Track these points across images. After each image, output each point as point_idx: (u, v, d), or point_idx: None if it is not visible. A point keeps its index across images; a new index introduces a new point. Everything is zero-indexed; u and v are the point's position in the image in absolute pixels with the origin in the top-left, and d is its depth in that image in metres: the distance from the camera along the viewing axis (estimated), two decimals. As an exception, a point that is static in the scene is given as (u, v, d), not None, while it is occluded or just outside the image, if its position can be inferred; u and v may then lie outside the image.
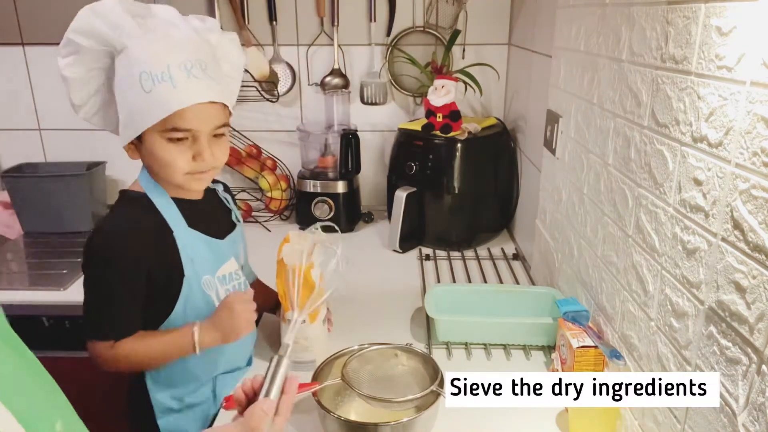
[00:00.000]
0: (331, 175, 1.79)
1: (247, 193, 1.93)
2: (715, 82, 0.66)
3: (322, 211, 1.76)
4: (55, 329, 1.43)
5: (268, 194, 1.87)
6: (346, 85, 1.86)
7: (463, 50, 1.83)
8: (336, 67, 1.85)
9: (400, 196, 1.61)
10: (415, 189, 1.63)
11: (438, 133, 1.60)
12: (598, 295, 1.02)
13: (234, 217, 1.10)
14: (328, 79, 1.86)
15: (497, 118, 1.82)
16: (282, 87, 1.86)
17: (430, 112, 1.62)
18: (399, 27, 1.83)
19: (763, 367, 0.57)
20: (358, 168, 1.78)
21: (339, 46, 1.83)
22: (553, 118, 1.29)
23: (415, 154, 1.64)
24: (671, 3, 0.76)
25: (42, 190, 1.75)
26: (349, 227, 1.82)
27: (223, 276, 1.03)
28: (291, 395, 0.71)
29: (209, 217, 1.04)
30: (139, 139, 0.91)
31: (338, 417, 0.86)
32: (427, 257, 1.63)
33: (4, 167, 1.90)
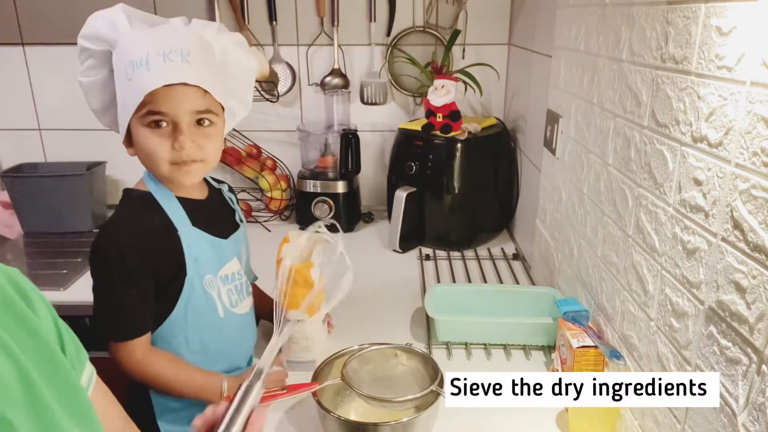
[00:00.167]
0: (331, 175, 1.79)
1: (247, 193, 1.93)
2: (715, 82, 0.66)
3: (322, 211, 1.76)
4: (56, 329, 1.43)
5: (268, 194, 1.87)
6: (346, 85, 1.86)
7: (463, 50, 1.83)
8: (336, 67, 1.85)
9: (400, 196, 1.61)
10: (415, 189, 1.63)
11: (438, 133, 1.60)
12: (598, 295, 1.02)
13: (237, 218, 1.10)
14: (328, 79, 1.86)
15: (497, 118, 1.82)
16: (282, 87, 1.86)
17: (430, 112, 1.62)
18: (399, 27, 1.83)
19: (763, 367, 0.57)
20: (358, 168, 1.78)
21: (339, 46, 1.83)
22: (553, 118, 1.29)
23: (415, 154, 1.64)
24: (671, 3, 0.76)
25: (42, 190, 1.75)
26: (349, 227, 1.82)
27: (226, 276, 1.02)
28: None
29: (213, 216, 1.04)
30: (131, 133, 0.92)
31: (338, 417, 0.86)
32: (427, 257, 1.63)
33: (4, 167, 1.90)
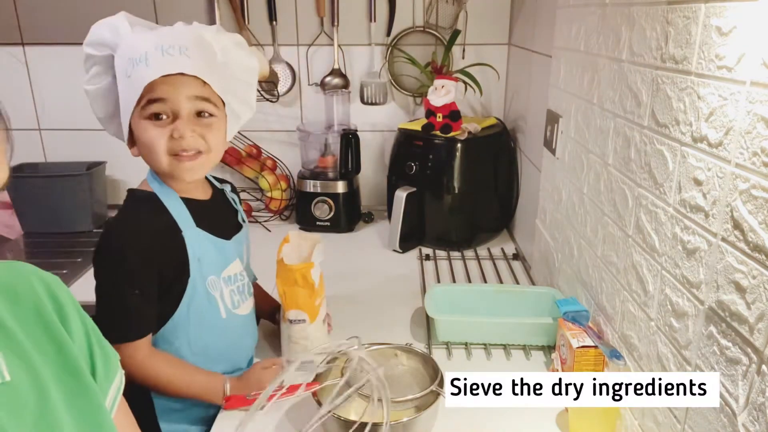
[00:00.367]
0: (331, 175, 1.79)
1: (247, 193, 1.93)
2: (715, 82, 0.66)
3: (322, 211, 1.76)
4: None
5: (268, 194, 1.87)
6: (346, 85, 1.86)
7: (463, 50, 1.83)
8: (336, 67, 1.85)
9: (400, 196, 1.61)
10: (415, 189, 1.63)
11: (438, 133, 1.60)
12: (598, 295, 1.02)
13: (240, 218, 1.10)
14: (328, 79, 1.86)
15: (497, 118, 1.82)
16: (282, 87, 1.86)
17: (430, 112, 1.62)
18: (399, 27, 1.83)
19: (763, 367, 0.57)
20: (358, 168, 1.78)
21: (339, 46, 1.83)
22: (553, 118, 1.29)
23: (415, 154, 1.64)
24: (671, 3, 0.76)
25: (42, 190, 1.75)
26: (349, 227, 1.82)
27: (229, 277, 1.03)
28: None
29: (217, 217, 1.04)
30: (133, 132, 0.92)
31: (338, 417, 0.86)
32: (427, 257, 1.62)
33: (5, 167, 1.89)
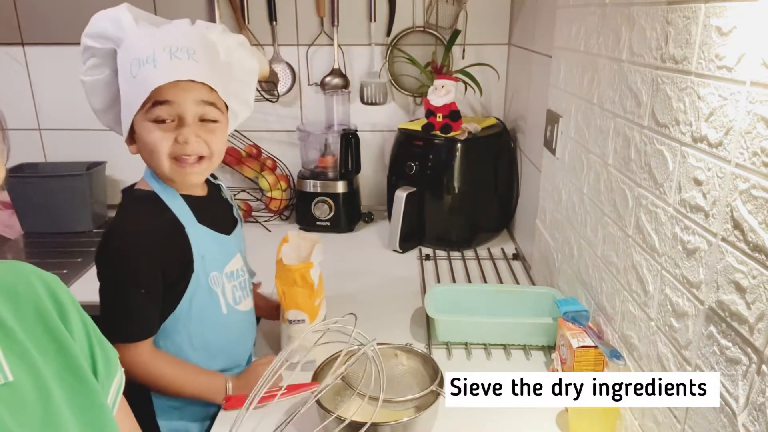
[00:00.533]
0: (331, 175, 1.79)
1: (247, 193, 1.93)
2: (715, 82, 0.66)
3: (322, 211, 1.76)
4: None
5: (268, 194, 1.87)
6: (346, 85, 1.86)
7: (463, 50, 1.83)
8: (336, 67, 1.85)
9: (400, 196, 1.61)
10: (415, 189, 1.63)
11: (438, 133, 1.60)
12: (598, 295, 1.02)
13: (235, 213, 1.10)
14: (328, 79, 1.86)
15: (497, 118, 1.82)
16: (282, 87, 1.86)
17: (430, 112, 1.62)
18: (399, 27, 1.83)
19: (763, 367, 0.57)
20: (358, 168, 1.78)
21: (339, 46, 1.83)
22: (553, 118, 1.29)
23: (415, 154, 1.64)
24: (671, 3, 0.76)
25: (42, 190, 1.75)
26: (349, 227, 1.82)
27: (231, 272, 1.03)
28: None
29: (215, 213, 1.04)
30: (135, 131, 0.92)
31: (338, 417, 0.86)
32: (427, 257, 1.62)
33: (5, 167, 1.90)
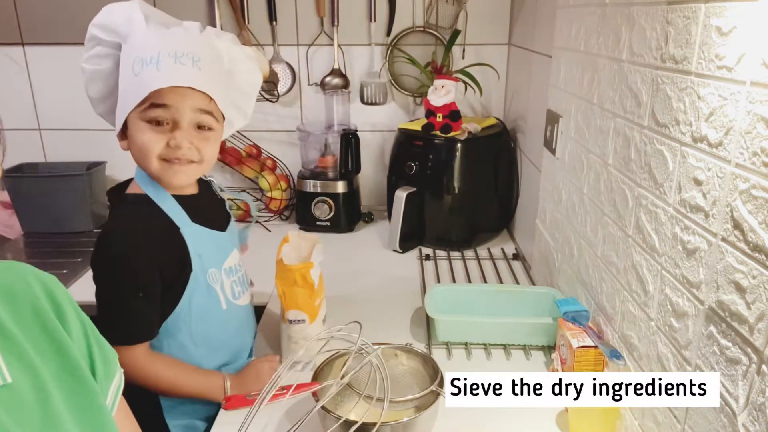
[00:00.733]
0: (331, 175, 1.79)
1: (247, 193, 1.93)
2: (715, 82, 0.66)
3: (322, 211, 1.76)
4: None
5: (268, 194, 1.87)
6: (346, 85, 1.86)
7: (463, 50, 1.83)
8: (336, 67, 1.85)
9: (400, 196, 1.61)
10: (415, 189, 1.63)
11: (438, 133, 1.60)
12: (598, 295, 1.02)
13: (227, 208, 1.11)
14: (328, 79, 1.86)
15: (497, 118, 1.82)
16: (282, 87, 1.86)
17: (430, 112, 1.62)
18: (399, 27, 1.83)
19: (763, 367, 0.57)
20: (358, 168, 1.78)
21: (339, 46, 1.83)
22: (553, 118, 1.29)
23: (415, 154, 1.64)
24: (671, 3, 0.76)
25: (42, 190, 1.75)
26: (349, 227, 1.82)
27: (230, 268, 1.03)
28: None
29: (209, 210, 1.04)
30: (127, 127, 0.92)
31: (338, 417, 0.86)
32: (427, 257, 1.62)
33: (4, 167, 1.89)
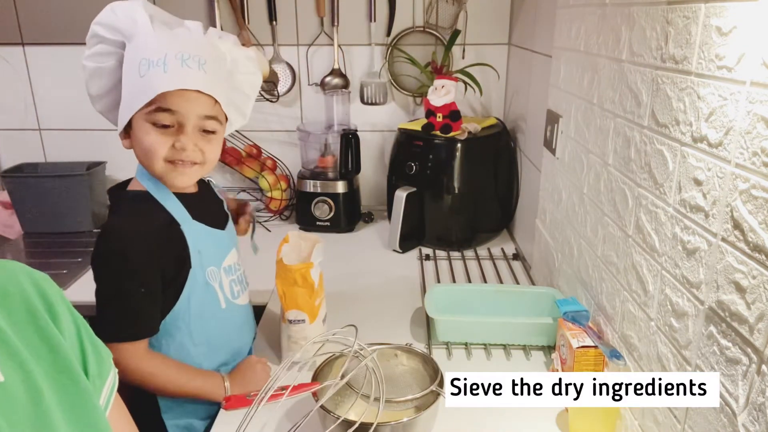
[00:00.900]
0: (331, 175, 1.79)
1: (247, 193, 1.93)
2: (715, 82, 0.66)
3: (322, 211, 1.76)
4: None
5: (268, 194, 1.87)
6: (346, 85, 1.86)
7: (463, 50, 1.83)
8: (336, 67, 1.85)
9: (400, 196, 1.61)
10: (415, 189, 1.63)
11: (438, 133, 1.60)
12: (598, 295, 1.02)
13: (225, 208, 1.11)
14: (328, 79, 1.86)
15: (497, 118, 1.82)
16: (282, 87, 1.86)
17: (430, 112, 1.62)
18: (399, 27, 1.83)
19: (763, 367, 0.57)
20: (358, 168, 1.78)
21: (339, 46, 1.83)
22: (553, 118, 1.29)
23: (415, 154, 1.64)
24: (671, 3, 0.76)
25: (42, 190, 1.75)
26: (349, 227, 1.82)
27: (229, 266, 1.03)
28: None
29: (208, 208, 1.05)
30: (132, 127, 0.92)
31: (338, 417, 0.86)
32: (427, 257, 1.62)
33: (4, 167, 1.90)
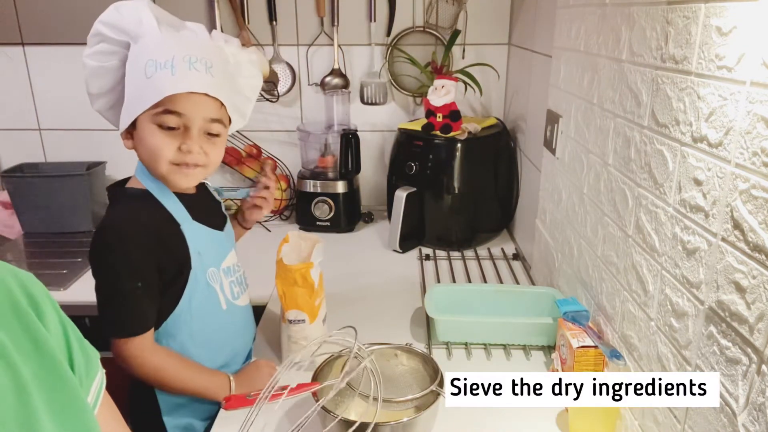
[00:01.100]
0: (331, 175, 1.79)
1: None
2: (715, 82, 0.66)
3: (322, 211, 1.76)
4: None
5: (268, 194, 1.87)
6: (346, 85, 1.86)
7: (463, 50, 1.83)
8: (336, 67, 1.85)
9: (400, 196, 1.61)
10: (415, 189, 1.63)
11: (438, 133, 1.60)
12: (598, 295, 1.02)
13: (223, 209, 1.11)
14: (328, 79, 1.86)
15: (497, 118, 1.82)
16: (282, 87, 1.86)
17: (430, 112, 1.62)
18: (399, 27, 1.83)
19: (763, 367, 0.57)
20: (358, 168, 1.78)
21: (339, 46, 1.83)
22: (553, 118, 1.29)
23: (415, 154, 1.64)
24: (671, 3, 0.76)
25: (42, 190, 1.75)
26: (349, 227, 1.82)
27: (228, 268, 1.03)
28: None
29: (207, 209, 1.05)
30: (135, 127, 0.92)
31: (338, 417, 0.86)
32: (427, 257, 1.62)
33: (4, 167, 1.90)
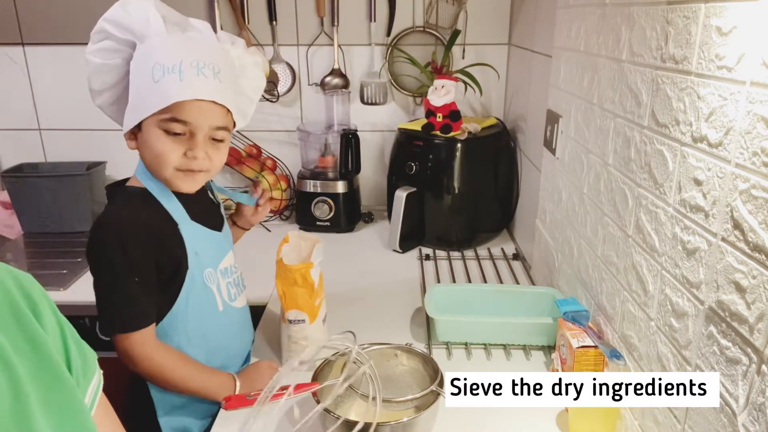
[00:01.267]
0: (331, 175, 1.79)
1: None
2: (715, 82, 0.66)
3: (322, 211, 1.76)
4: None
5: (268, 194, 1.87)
6: (346, 85, 1.86)
7: (463, 50, 1.83)
8: (336, 67, 1.85)
9: (400, 196, 1.61)
10: (415, 189, 1.63)
11: (438, 133, 1.60)
12: (598, 295, 1.02)
13: (222, 211, 1.11)
14: (328, 79, 1.86)
15: (497, 118, 1.82)
16: (282, 87, 1.86)
17: (430, 112, 1.62)
18: (399, 27, 1.83)
19: (763, 367, 0.57)
20: (358, 168, 1.78)
21: (339, 46, 1.83)
22: (553, 118, 1.29)
23: (415, 154, 1.64)
24: (671, 3, 0.76)
25: (42, 190, 1.75)
26: (349, 227, 1.82)
27: (225, 269, 1.03)
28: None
29: (205, 210, 1.05)
30: (140, 129, 0.92)
31: (338, 417, 0.86)
32: (427, 257, 1.63)
33: (4, 167, 1.90)
